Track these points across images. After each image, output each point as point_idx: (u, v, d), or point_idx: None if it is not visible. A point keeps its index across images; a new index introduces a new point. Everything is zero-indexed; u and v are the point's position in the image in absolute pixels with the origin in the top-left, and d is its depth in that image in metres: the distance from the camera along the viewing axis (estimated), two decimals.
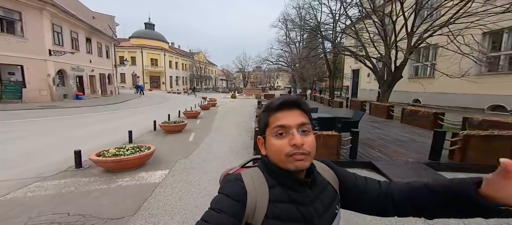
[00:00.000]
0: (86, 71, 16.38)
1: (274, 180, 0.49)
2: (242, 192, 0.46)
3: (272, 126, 0.49)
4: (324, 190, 0.52)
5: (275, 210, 0.46)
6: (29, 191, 2.47)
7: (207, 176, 3.06)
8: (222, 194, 0.46)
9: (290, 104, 0.50)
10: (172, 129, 5.84)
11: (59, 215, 2.04)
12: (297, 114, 0.49)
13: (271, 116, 0.50)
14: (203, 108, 11.56)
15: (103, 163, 2.98)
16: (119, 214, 2.12)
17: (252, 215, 0.45)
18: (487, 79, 8.41)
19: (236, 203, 0.44)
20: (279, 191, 0.48)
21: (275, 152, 0.48)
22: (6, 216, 1.99)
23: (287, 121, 0.47)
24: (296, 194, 0.48)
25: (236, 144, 4.76)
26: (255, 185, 0.47)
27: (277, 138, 0.48)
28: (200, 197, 2.47)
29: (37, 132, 5.56)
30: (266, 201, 0.46)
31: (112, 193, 2.53)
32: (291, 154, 0.45)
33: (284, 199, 0.47)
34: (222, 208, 0.43)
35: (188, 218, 2.07)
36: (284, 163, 0.46)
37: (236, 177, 0.49)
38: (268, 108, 0.52)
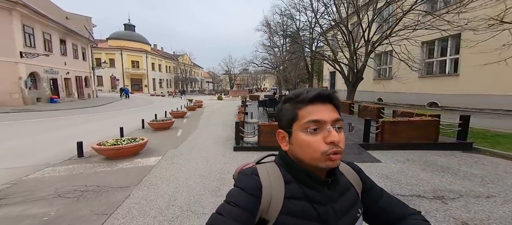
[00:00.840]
0: (61, 74, 15.61)
1: (291, 176, 0.46)
2: (257, 186, 0.44)
3: (303, 121, 0.44)
4: (346, 192, 0.50)
5: (290, 206, 0.44)
6: (45, 173, 2.96)
7: (195, 159, 3.78)
8: (237, 188, 0.45)
9: (325, 97, 0.45)
10: (160, 127, 6.36)
11: (79, 186, 2.62)
12: (331, 109, 0.45)
13: (301, 109, 0.45)
14: (189, 109, 12.01)
15: (104, 151, 3.54)
16: (126, 184, 2.76)
17: (267, 210, 0.43)
18: (426, 81, 10.35)
19: (251, 198, 0.43)
20: (295, 188, 0.45)
21: (308, 150, 0.43)
22: (37, 188, 2.52)
23: (323, 116, 0.43)
24: (313, 192, 0.45)
25: (220, 138, 5.51)
26: (270, 180, 0.45)
27: (309, 135, 0.43)
28: (189, 173, 3.19)
29: (25, 132, 5.67)
30: (282, 197, 0.44)
31: (116, 173, 3.13)
32: (329, 153, 0.42)
33: (300, 196, 0.45)
34: (237, 201, 0.42)
35: (180, 186, 2.78)
36: (317, 161, 0.43)
37: (252, 171, 0.47)
38: (297, 100, 0.46)
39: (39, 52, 12.57)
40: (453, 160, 3.43)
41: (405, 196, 2.38)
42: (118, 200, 2.34)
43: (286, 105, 0.48)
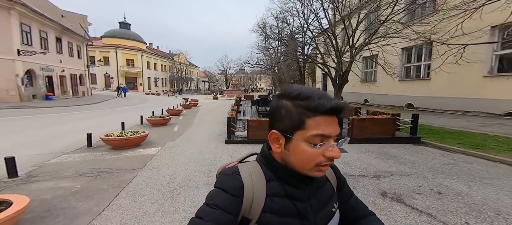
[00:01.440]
0: (56, 71, 15.75)
1: (271, 174, 0.46)
2: (239, 186, 0.43)
3: (310, 133, 0.41)
4: (322, 187, 0.50)
5: (272, 204, 0.43)
6: (63, 159, 3.50)
7: (191, 150, 4.38)
8: (218, 189, 0.44)
9: (340, 110, 0.42)
10: (158, 123, 6.91)
11: (94, 169, 3.19)
12: (336, 122, 0.43)
13: (310, 118, 0.41)
14: (185, 107, 12.53)
15: (111, 141, 4.09)
16: (132, 168, 3.34)
17: (249, 209, 0.43)
18: (405, 84, 11.30)
19: (232, 198, 0.42)
20: (276, 185, 0.45)
21: (304, 161, 0.42)
22: (60, 169, 3.07)
23: (330, 131, 0.41)
24: (293, 189, 0.45)
25: (214, 133, 6.12)
26: (252, 178, 0.45)
27: (311, 146, 0.41)
28: (186, 160, 3.80)
29: (31, 127, 6.09)
30: (264, 195, 0.44)
31: (122, 160, 3.70)
32: (322, 164, 0.42)
33: (280, 193, 0.45)
34: (217, 204, 0.41)
35: (179, 169, 3.38)
36: (307, 171, 0.43)
37: (233, 171, 0.46)
38: (307, 106, 0.41)
39: (36, 50, 12.75)
40: (402, 150, 4.20)
41: (354, 175, 3.08)
42: (128, 179, 2.93)
43: (288, 105, 0.43)
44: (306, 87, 0.44)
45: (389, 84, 11.08)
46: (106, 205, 2.25)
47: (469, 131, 5.18)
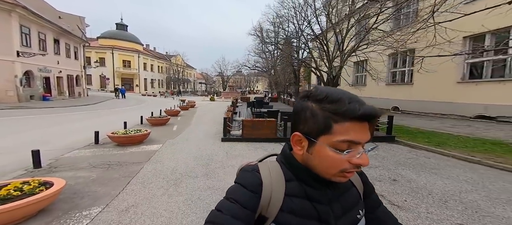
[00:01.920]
0: (54, 72, 15.90)
1: (291, 174, 0.45)
2: (258, 183, 0.43)
3: (336, 138, 0.39)
4: (347, 192, 0.49)
5: (290, 204, 0.43)
6: (76, 154, 3.90)
7: (189, 147, 4.84)
8: (237, 184, 0.45)
9: (373, 117, 0.39)
10: (158, 122, 7.32)
11: (105, 162, 3.61)
12: (367, 128, 0.40)
13: (338, 123, 0.38)
14: (183, 108, 12.91)
15: (117, 138, 4.51)
16: (139, 161, 3.78)
17: (267, 207, 0.43)
18: (391, 88, 12.08)
19: (250, 194, 0.42)
20: (296, 185, 0.44)
21: (326, 165, 0.41)
22: (76, 162, 3.48)
23: (360, 138, 0.39)
24: (313, 191, 0.44)
25: (211, 132, 6.58)
26: (271, 177, 0.44)
27: (337, 152, 0.39)
28: (186, 154, 4.25)
29: (35, 126, 6.40)
30: (282, 194, 0.43)
31: (129, 155, 4.12)
32: (347, 171, 0.40)
33: (300, 194, 0.44)
34: (236, 198, 0.42)
35: (179, 162, 3.82)
36: (330, 176, 0.41)
37: (253, 168, 0.46)
38: (337, 111, 0.38)
39: (35, 51, 12.94)
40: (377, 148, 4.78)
41: None
42: (136, 170, 3.37)
43: (314, 107, 0.41)
44: (334, 89, 0.42)
45: (377, 88, 11.87)
46: (121, 189, 2.69)
47: (439, 132, 5.83)
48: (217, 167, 3.51)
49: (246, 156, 4.21)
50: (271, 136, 5.57)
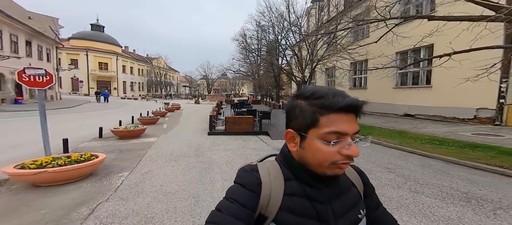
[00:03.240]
0: None
1: (290, 174, 0.46)
2: (257, 182, 0.44)
3: (324, 130, 0.41)
4: (347, 191, 0.49)
5: (290, 203, 0.44)
6: (87, 145, 4.73)
7: (180, 139, 5.91)
8: (237, 184, 0.45)
9: (355, 107, 0.41)
10: (148, 122, 8.16)
11: (116, 149, 4.55)
12: (354, 120, 0.42)
13: (324, 116, 0.41)
14: (169, 110, 13.60)
15: (119, 133, 5.42)
16: (142, 148, 4.79)
17: (266, 207, 0.43)
18: (352, 91, 14.48)
19: (250, 194, 0.43)
20: (295, 185, 0.45)
21: (319, 158, 0.42)
22: (92, 149, 4.36)
23: (346, 129, 0.40)
24: (312, 190, 0.45)
25: (198, 129, 7.67)
26: (270, 176, 0.45)
27: (326, 144, 0.41)
28: (179, 144, 5.33)
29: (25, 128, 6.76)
30: (281, 193, 0.44)
31: (132, 145, 5.08)
32: (338, 162, 0.41)
33: (299, 193, 0.45)
34: (236, 198, 0.43)
35: (175, 149, 4.89)
36: (324, 169, 0.42)
37: (252, 168, 0.47)
38: (320, 104, 0.42)
39: (7, 54, 12.46)
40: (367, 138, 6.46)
41: None
42: (142, 153, 4.40)
43: (302, 104, 0.44)
44: (321, 87, 0.44)
45: (346, 91, 14.17)
46: (137, 163, 3.76)
47: (374, 125, 7.81)
48: (205, 151, 4.71)
49: (228, 144, 5.45)
50: (249, 130, 6.91)
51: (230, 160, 4.04)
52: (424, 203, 2.38)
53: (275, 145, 5.38)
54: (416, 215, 2.15)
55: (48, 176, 2.54)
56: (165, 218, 2.11)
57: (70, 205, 2.30)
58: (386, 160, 4.05)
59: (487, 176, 3.12)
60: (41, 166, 2.59)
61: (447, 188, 2.73)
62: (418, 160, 3.99)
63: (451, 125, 7.14)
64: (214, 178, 3.15)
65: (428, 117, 8.78)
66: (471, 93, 6.72)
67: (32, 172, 2.47)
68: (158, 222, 2.03)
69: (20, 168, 2.52)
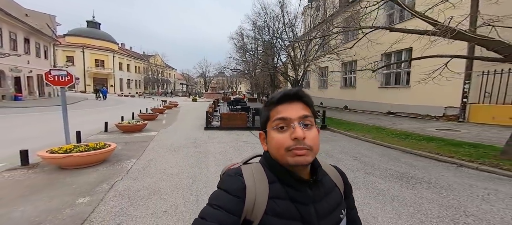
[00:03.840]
0: (24, 72, 15.44)
1: (274, 176, 0.48)
2: (241, 187, 0.45)
3: (272, 119, 0.47)
4: (330, 192, 0.51)
5: (274, 206, 0.45)
6: (95, 138, 5.29)
7: (179, 133, 6.51)
8: (220, 189, 0.46)
9: (292, 96, 0.48)
10: (148, 117, 8.72)
11: (121, 141, 5.13)
12: (299, 107, 0.47)
13: (272, 110, 0.48)
14: (167, 107, 14.11)
15: (123, 127, 5.99)
16: (145, 140, 5.38)
17: (251, 211, 0.44)
18: (343, 90, 15.23)
19: (234, 199, 0.43)
20: (279, 188, 0.46)
21: (275, 146, 0.46)
22: (102, 139, 4.94)
23: (288, 114, 0.46)
24: (295, 192, 0.46)
25: (195, 125, 8.27)
26: (255, 180, 0.46)
27: (277, 132, 0.46)
28: (177, 137, 5.92)
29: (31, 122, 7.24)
30: (266, 197, 0.45)
31: (135, 138, 5.66)
32: (291, 148, 0.44)
33: (283, 196, 0.46)
34: (220, 204, 0.43)
35: (174, 142, 5.49)
36: (284, 158, 0.45)
37: (236, 172, 0.48)
38: (269, 102, 0.50)
39: (7, 51, 12.70)
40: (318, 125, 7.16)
41: None
42: (145, 145, 5.00)
43: (264, 107, 0.51)
44: (277, 92, 0.51)
45: (335, 91, 14.96)
46: (142, 153, 4.37)
47: (358, 122, 8.55)
48: (202, 143, 5.34)
49: (223, 138, 6.07)
50: (243, 125, 7.55)
51: (223, 151, 4.68)
52: (370, 181, 3.07)
53: None
54: (361, 189, 2.83)
55: (73, 160, 3.13)
56: (169, 191, 2.74)
57: (94, 182, 2.91)
58: (356, 151, 4.76)
59: (424, 161, 3.85)
60: (67, 152, 3.18)
61: (391, 171, 3.44)
62: (382, 150, 4.72)
63: (423, 122, 7.94)
64: (209, 164, 3.79)
65: (407, 115, 9.58)
66: (441, 94, 7.50)
67: (62, 156, 3.06)
68: (163, 194, 2.66)
69: (50, 153, 3.11)
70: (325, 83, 19.24)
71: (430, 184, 2.87)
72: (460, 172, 3.25)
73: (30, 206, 2.27)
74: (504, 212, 2.19)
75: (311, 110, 0.48)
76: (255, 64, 26.53)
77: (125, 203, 2.39)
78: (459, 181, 2.93)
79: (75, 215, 2.13)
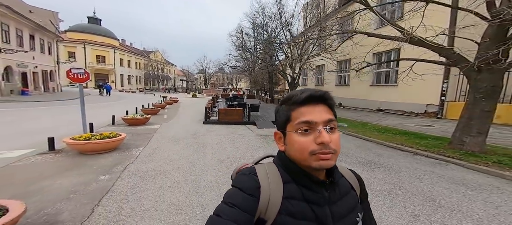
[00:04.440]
0: (30, 68, 15.94)
1: (289, 177, 0.47)
2: (256, 186, 0.45)
3: (295, 122, 0.46)
4: (346, 195, 0.51)
5: (289, 206, 0.45)
6: (106, 129, 5.91)
7: (179, 126, 7.11)
8: (235, 188, 0.46)
9: (317, 98, 0.46)
10: (150, 112, 9.31)
11: (128, 132, 5.72)
12: (324, 110, 0.46)
13: (294, 111, 0.47)
14: (167, 103, 14.70)
15: (128, 120, 6.60)
16: (149, 132, 5.99)
17: (265, 210, 0.44)
18: (339, 88, 15.78)
19: (249, 198, 0.44)
20: (294, 188, 0.46)
21: (298, 150, 0.45)
22: (111, 130, 5.56)
23: (314, 117, 0.45)
24: (310, 193, 0.46)
25: (195, 119, 8.87)
26: (269, 180, 0.46)
27: (301, 135, 0.45)
28: (178, 130, 6.51)
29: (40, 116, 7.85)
30: (280, 196, 0.45)
31: (141, 130, 6.27)
32: (316, 152, 0.43)
33: (298, 196, 0.46)
34: (235, 202, 0.43)
35: (175, 133, 6.09)
36: (308, 161, 0.44)
37: (250, 171, 0.48)
38: (291, 102, 0.48)
39: (16, 48, 13.24)
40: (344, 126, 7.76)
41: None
42: (150, 136, 5.60)
43: (282, 107, 0.49)
44: (298, 90, 0.48)
45: (329, 89, 15.52)
46: (147, 143, 4.97)
47: (348, 119, 9.13)
48: (200, 135, 5.94)
49: (220, 131, 6.65)
50: (239, 120, 8.15)
51: (220, 142, 5.29)
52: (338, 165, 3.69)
53: (259, 132, 6.63)
54: None
55: (92, 146, 3.74)
56: (172, 172, 3.35)
57: (110, 165, 3.52)
58: None
59: (391, 151, 4.45)
60: (86, 139, 3.79)
61: (360, 158, 4.04)
62: (360, 142, 5.32)
63: (406, 118, 8.53)
64: (206, 153, 4.40)
65: (394, 112, 10.17)
66: (424, 92, 8.06)
67: (83, 143, 3.67)
68: (168, 174, 3.27)
69: (73, 140, 3.72)
70: (322, 81, 19.77)
71: (386, 168, 3.48)
72: (414, 159, 3.85)
73: (65, 180, 2.88)
74: (427, 187, 2.80)
75: (334, 113, 0.48)
76: (254, 62, 26.95)
77: (137, 180, 3.00)
78: (408, 166, 3.54)
79: (100, 187, 2.74)
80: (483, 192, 2.67)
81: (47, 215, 2.08)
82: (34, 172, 3.10)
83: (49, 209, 2.17)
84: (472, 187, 2.82)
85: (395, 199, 2.47)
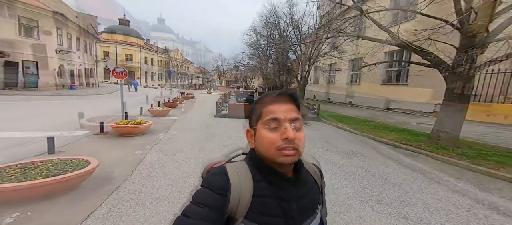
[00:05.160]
0: (76, 66, 18.80)
1: (259, 175, 0.49)
2: (226, 185, 0.46)
3: (264, 118, 0.49)
4: (311, 190, 0.54)
5: (258, 204, 0.46)
6: (137, 118, 7.27)
7: (195, 119, 8.20)
8: (204, 188, 0.46)
9: (286, 98, 0.49)
10: (170, 105, 10.68)
11: (154, 121, 6.97)
12: (291, 109, 0.49)
13: (264, 108, 0.50)
14: (185, 98, 16.22)
15: (153, 112, 7.90)
16: (169, 123, 7.15)
17: (236, 209, 0.45)
18: (349, 86, 15.61)
19: (219, 197, 0.44)
20: (263, 186, 0.48)
21: (265, 145, 0.48)
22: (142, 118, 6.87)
23: (281, 114, 0.47)
24: (279, 190, 0.48)
25: (207, 113, 9.93)
26: (240, 178, 0.47)
27: (269, 131, 0.48)
28: (194, 121, 7.58)
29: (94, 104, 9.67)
30: (250, 195, 0.46)
31: (162, 120, 7.47)
32: (281, 147, 0.46)
33: (267, 194, 0.48)
34: (204, 202, 0.44)
35: (191, 124, 7.12)
36: (273, 156, 0.47)
37: (221, 171, 0.49)
38: (262, 100, 0.51)
39: (66, 49, 15.93)
40: (308, 124, 8.27)
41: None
42: (170, 125, 6.72)
43: (255, 105, 0.53)
44: (270, 91, 0.52)
45: (342, 87, 15.51)
46: (168, 130, 6.07)
47: (353, 116, 9.33)
48: (211, 127, 6.90)
49: (228, 124, 7.53)
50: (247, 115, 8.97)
51: (226, 132, 6.17)
52: (325, 155, 4.25)
53: None
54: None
55: (128, 129, 4.90)
56: (188, 150, 4.29)
57: (141, 144, 4.61)
58: (332, 136, 5.86)
59: (376, 144, 4.83)
60: (124, 125, 4.97)
61: (347, 149, 4.54)
62: (353, 137, 5.73)
63: (412, 117, 8.46)
64: (214, 140, 5.30)
65: (402, 111, 10.00)
66: (432, 91, 7.91)
67: (122, 126, 4.85)
68: (183, 152, 4.22)
69: (115, 124, 4.93)
70: (334, 78, 19.56)
71: (364, 157, 3.96)
72: (393, 150, 4.23)
73: (112, 153, 4.01)
74: (387, 170, 3.30)
75: (301, 114, 0.50)
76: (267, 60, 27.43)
77: (161, 155, 4.00)
78: (384, 155, 3.97)
79: (136, 159, 3.78)
80: (429, 175, 3.09)
81: (106, 172, 3.13)
82: (94, 147, 4.31)
83: (107, 169, 3.23)
84: (423, 171, 3.25)
85: (356, 177, 3.04)
